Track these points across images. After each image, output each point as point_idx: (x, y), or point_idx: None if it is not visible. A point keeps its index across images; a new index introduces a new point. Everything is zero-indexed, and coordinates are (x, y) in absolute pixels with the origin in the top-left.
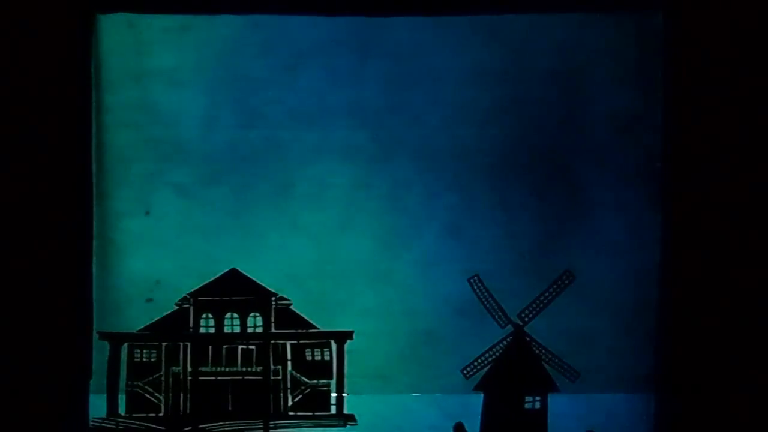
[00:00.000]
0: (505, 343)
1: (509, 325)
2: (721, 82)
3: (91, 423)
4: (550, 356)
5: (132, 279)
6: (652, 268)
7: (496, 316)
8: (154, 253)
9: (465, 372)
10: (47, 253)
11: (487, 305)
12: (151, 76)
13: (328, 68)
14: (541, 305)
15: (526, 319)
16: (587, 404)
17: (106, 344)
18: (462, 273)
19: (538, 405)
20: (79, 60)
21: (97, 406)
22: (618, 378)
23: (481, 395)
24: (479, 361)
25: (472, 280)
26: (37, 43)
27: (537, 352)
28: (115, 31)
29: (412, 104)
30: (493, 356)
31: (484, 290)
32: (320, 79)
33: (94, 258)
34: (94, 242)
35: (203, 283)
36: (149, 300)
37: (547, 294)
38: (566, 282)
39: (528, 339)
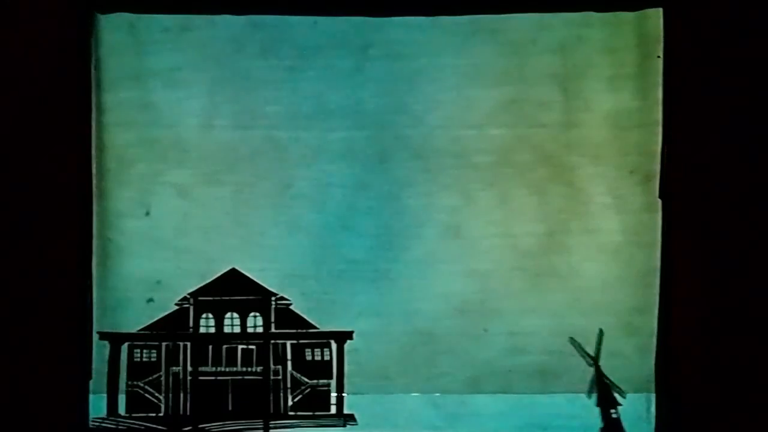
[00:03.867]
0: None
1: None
2: (721, 82)
3: (91, 423)
4: None
5: (132, 279)
6: (652, 268)
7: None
8: (154, 253)
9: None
10: (47, 254)
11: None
12: (151, 76)
13: (328, 68)
14: None
15: None
16: (587, 404)
17: (106, 344)
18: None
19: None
20: (79, 60)
21: (97, 406)
22: (618, 378)
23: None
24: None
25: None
26: (37, 43)
27: None
28: (115, 31)
29: (412, 104)
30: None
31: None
32: (320, 79)
33: (94, 258)
34: (94, 242)
35: (203, 283)
36: (150, 300)
37: None
38: None
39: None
